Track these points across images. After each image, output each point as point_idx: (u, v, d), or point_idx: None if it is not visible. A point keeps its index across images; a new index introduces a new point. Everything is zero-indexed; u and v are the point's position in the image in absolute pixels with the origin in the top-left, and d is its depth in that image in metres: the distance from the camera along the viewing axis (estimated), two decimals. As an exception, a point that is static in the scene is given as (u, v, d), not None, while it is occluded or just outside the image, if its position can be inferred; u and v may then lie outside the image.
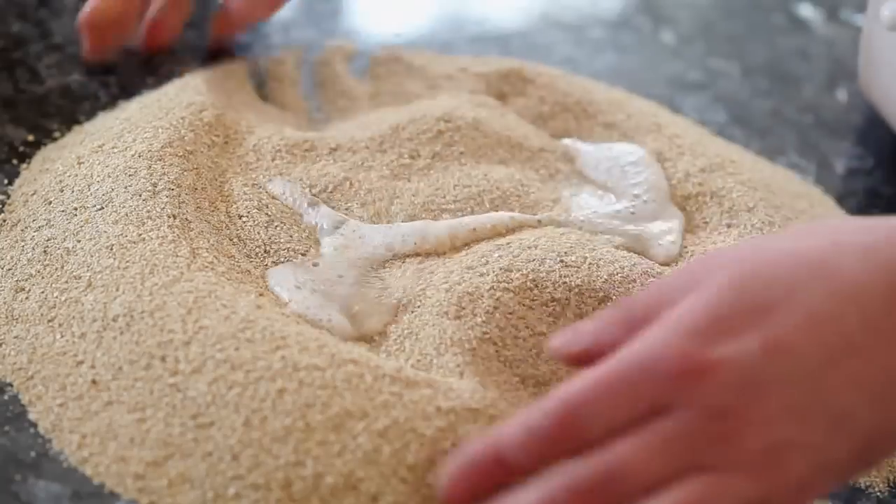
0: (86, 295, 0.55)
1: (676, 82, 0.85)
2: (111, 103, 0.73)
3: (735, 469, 0.46)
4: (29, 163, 0.67)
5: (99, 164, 0.62)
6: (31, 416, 0.52)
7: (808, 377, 0.47)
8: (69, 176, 0.62)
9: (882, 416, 0.47)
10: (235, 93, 0.71)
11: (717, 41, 0.93)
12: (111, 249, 0.56)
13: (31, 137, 0.69)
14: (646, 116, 0.72)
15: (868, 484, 0.56)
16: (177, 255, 0.56)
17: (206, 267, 0.56)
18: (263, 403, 0.49)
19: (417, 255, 0.59)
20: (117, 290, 0.54)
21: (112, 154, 0.62)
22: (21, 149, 0.68)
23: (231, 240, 0.59)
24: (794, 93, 0.86)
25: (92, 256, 0.56)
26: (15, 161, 0.67)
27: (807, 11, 0.97)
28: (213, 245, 0.58)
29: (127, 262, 0.56)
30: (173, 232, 0.57)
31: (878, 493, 0.55)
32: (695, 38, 0.93)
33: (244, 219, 0.60)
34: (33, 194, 0.63)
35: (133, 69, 0.77)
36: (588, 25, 0.93)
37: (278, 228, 0.60)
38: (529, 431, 0.47)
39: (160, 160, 0.60)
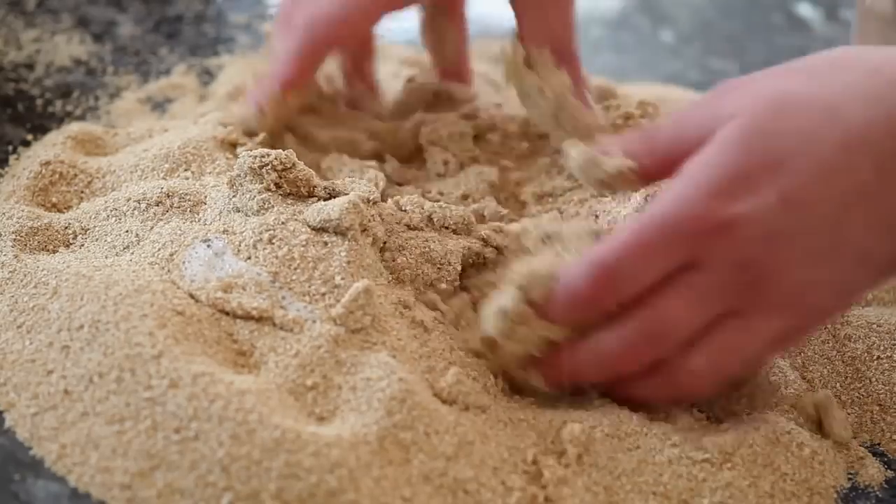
0: (52, 302, 0.53)
1: (676, 81, 0.84)
2: (109, 103, 0.73)
3: (763, 310, 0.50)
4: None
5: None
6: (8, 423, 0.51)
7: (826, 224, 0.49)
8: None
9: (894, 246, 0.50)
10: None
11: (716, 41, 0.93)
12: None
13: (30, 137, 0.69)
14: None
15: (868, 484, 0.56)
16: (139, 265, 0.55)
17: (167, 279, 0.54)
18: (250, 416, 0.48)
19: None
20: (82, 299, 0.53)
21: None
22: (21, 149, 0.68)
23: None
24: (794, 92, 0.86)
25: (59, 262, 0.55)
26: (14, 161, 0.67)
27: (806, 11, 0.97)
28: None
29: (92, 269, 0.54)
30: (133, 243, 0.57)
31: (878, 493, 0.55)
32: (694, 38, 0.93)
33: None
34: (11, 195, 0.62)
35: (129, 68, 0.77)
36: (588, 25, 0.93)
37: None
38: (570, 296, 0.51)
39: None
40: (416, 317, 0.55)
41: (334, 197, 0.56)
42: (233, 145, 0.64)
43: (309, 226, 0.55)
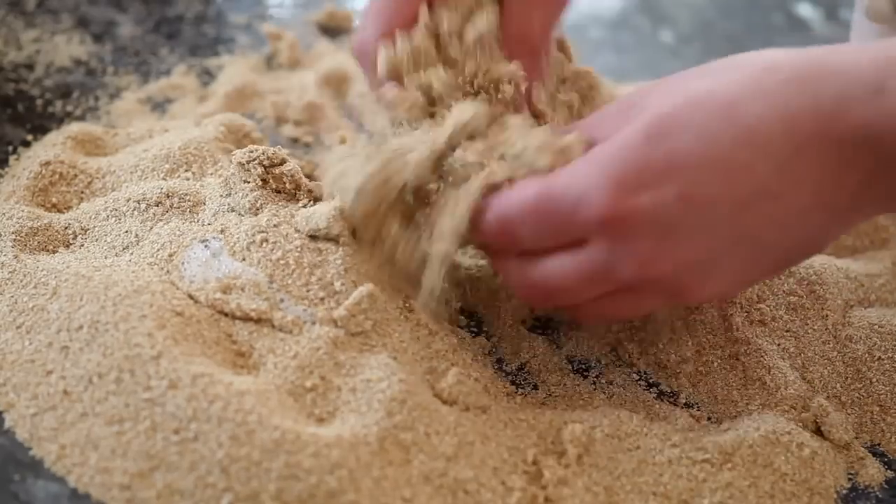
0: (51, 303, 0.53)
1: (676, 82, 0.85)
2: (109, 104, 0.73)
3: (655, 293, 0.53)
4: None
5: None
6: (8, 423, 0.51)
7: (724, 222, 0.50)
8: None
9: (794, 241, 0.52)
10: None
11: (715, 41, 0.93)
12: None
13: (30, 137, 0.69)
14: None
15: (868, 484, 0.56)
16: (138, 265, 0.55)
17: (167, 280, 0.54)
18: (249, 417, 0.47)
19: None
20: (81, 299, 0.52)
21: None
22: (21, 149, 0.67)
23: None
24: (793, 92, 0.86)
25: (58, 262, 0.55)
26: (14, 161, 0.67)
27: (806, 11, 0.97)
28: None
29: (92, 270, 0.54)
30: (133, 243, 0.57)
31: (878, 494, 0.55)
32: (694, 38, 0.93)
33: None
34: (11, 195, 0.62)
35: (129, 68, 0.77)
36: (588, 25, 0.93)
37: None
38: (481, 229, 0.54)
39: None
40: (421, 320, 0.55)
41: (318, 200, 0.56)
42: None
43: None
